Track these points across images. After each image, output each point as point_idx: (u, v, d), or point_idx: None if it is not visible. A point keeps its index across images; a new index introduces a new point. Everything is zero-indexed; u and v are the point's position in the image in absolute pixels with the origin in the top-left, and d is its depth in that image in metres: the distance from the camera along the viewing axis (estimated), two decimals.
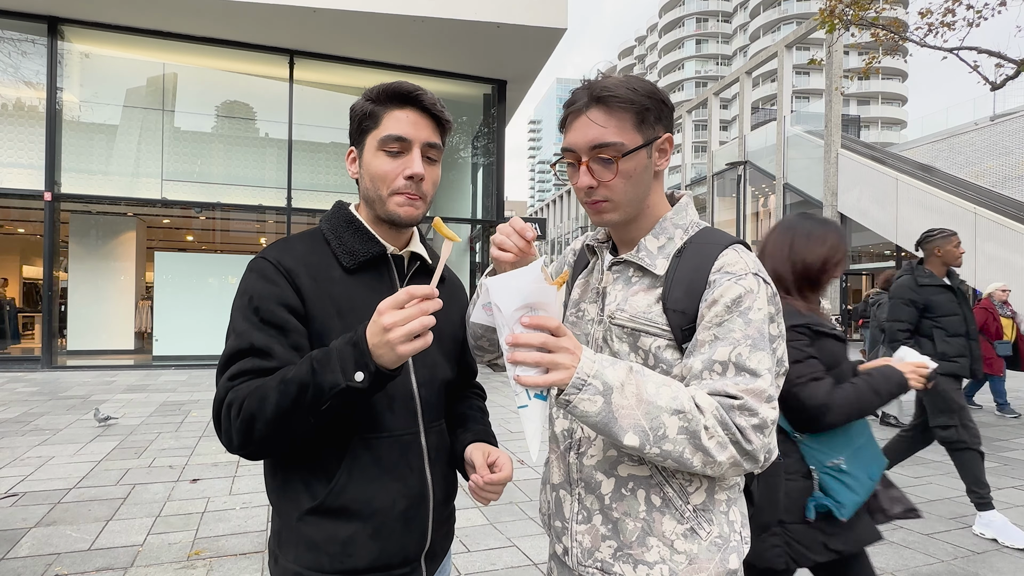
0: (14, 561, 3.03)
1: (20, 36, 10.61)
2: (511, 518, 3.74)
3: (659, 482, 0.99)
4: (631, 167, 1.00)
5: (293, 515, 1.04)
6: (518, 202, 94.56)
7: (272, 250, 1.08)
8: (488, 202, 13.43)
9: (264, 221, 13.31)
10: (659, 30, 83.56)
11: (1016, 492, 4.36)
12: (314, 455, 1.03)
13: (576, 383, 0.84)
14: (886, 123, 60.30)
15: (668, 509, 0.99)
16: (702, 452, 0.88)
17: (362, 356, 0.88)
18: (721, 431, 0.89)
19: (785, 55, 23.26)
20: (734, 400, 0.90)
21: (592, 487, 1.04)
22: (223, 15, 10.33)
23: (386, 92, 1.08)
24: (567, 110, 1.04)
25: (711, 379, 0.93)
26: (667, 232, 1.05)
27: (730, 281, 0.96)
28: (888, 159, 21.69)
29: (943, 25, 9.19)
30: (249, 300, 1.02)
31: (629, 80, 1.02)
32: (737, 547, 1.02)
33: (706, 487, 1.01)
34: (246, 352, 0.99)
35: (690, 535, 0.99)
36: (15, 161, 10.58)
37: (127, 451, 5.16)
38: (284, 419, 0.91)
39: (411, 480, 1.07)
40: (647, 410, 0.87)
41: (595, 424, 0.87)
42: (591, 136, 0.99)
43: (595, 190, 1.01)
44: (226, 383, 0.97)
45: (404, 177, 1.06)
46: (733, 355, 0.92)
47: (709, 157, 29.06)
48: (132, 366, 11.10)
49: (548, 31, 10.85)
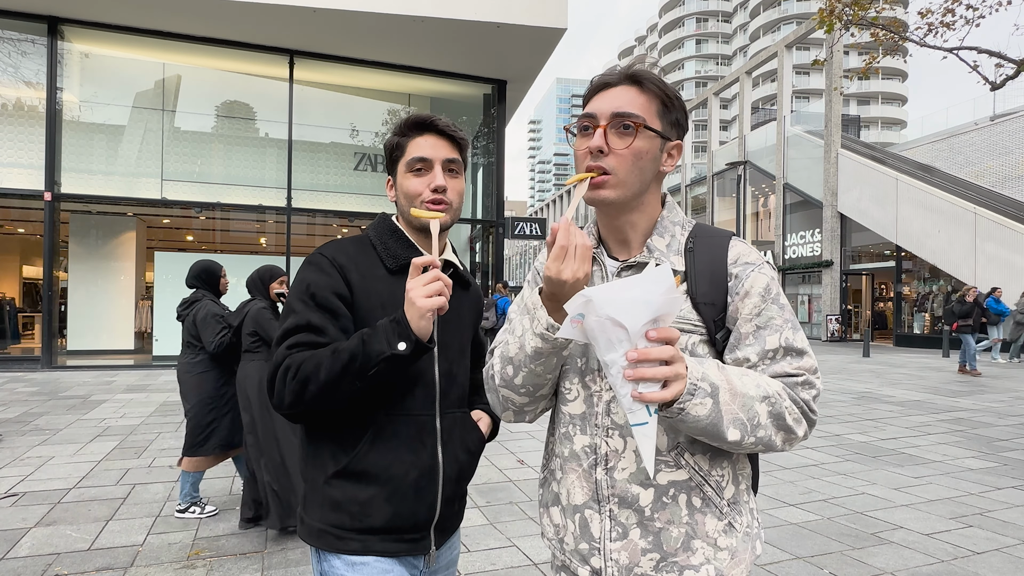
0: (14, 561, 3.03)
1: (20, 36, 10.62)
2: (511, 518, 3.74)
3: (698, 483, 0.99)
4: (645, 147, 0.99)
5: (320, 479, 1.20)
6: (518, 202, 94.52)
7: (327, 248, 1.26)
8: (488, 202, 13.43)
9: (264, 221, 13.31)
10: (659, 30, 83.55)
11: (1016, 492, 4.36)
12: (342, 429, 1.19)
13: (689, 388, 0.84)
14: (886, 123, 60.28)
15: (709, 508, 1.00)
16: (784, 431, 0.94)
17: (404, 329, 1.07)
18: (795, 408, 0.95)
19: (785, 55, 23.26)
20: (796, 377, 0.96)
21: (628, 501, 1.00)
22: (223, 15, 10.33)
23: (407, 124, 1.28)
24: (596, 85, 1.03)
25: (767, 366, 0.97)
26: (669, 231, 1.06)
27: (755, 272, 1.00)
28: (888, 159, 21.69)
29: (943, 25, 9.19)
30: (307, 287, 1.19)
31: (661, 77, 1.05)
32: (758, 534, 1.07)
33: (732, 479, 1.03)
34: (303, 328, 1.15)
35: (729, 530, 1.01)
36: (15, 161, 10.58)
37: (127, 451, 5.16)
38: (335, 383, 1.08)
39: (423, 455, 1.21)
40: (743, 402, 0.89)
41: (704, 426, 0.87)
42: (617, 104, 0.99)
43: (603, 156, 0.98)
44: (284, 351, 1.13)
45: (430, 190, 1.24)
46: (782, 340, 0.97)
47: (709, 157, 29.05)
48: (132, 366, 11.10)
49: (548, 31, 10.85)
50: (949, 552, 3.30)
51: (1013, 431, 6.40)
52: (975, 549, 3.33)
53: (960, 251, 16.34)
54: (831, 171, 20.62)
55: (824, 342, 20.30)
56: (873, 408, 7.71)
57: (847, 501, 4.14)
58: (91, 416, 6.58)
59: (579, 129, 1.03)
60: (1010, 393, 9.05)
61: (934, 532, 3.58)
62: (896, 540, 3.46)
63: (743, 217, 19.72)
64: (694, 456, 0.99)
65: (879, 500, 4.16)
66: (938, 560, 3.19)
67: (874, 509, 3.98)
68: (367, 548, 1.17)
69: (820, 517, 3.82)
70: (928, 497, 4.23)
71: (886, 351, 17.12)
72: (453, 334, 1.31)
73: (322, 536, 1.18)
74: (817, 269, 21.40)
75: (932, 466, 5.02)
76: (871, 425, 6.66)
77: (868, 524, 3.71)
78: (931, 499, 4.19)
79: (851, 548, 3.34)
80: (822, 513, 3.90)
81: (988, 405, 7.95)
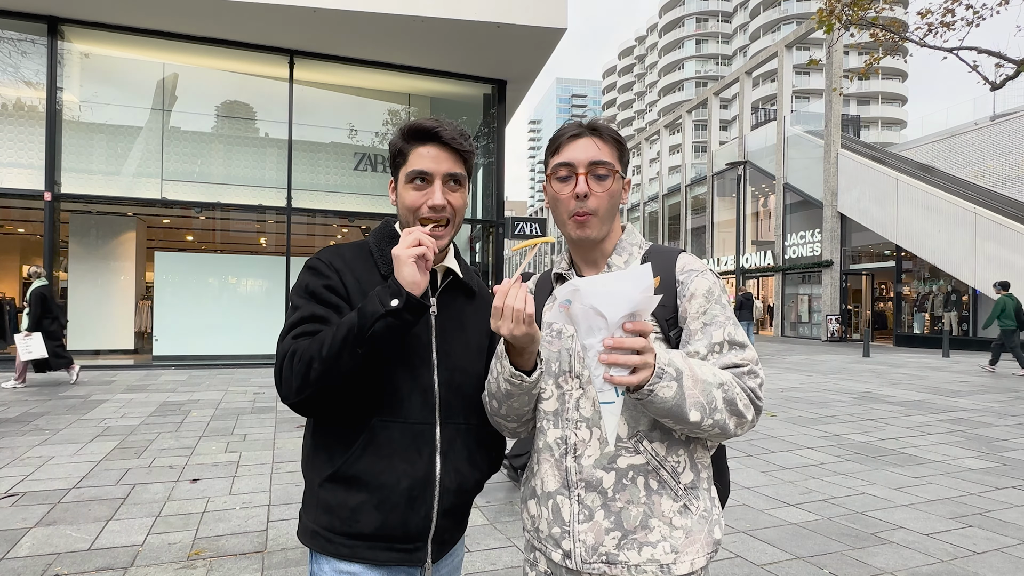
0: (14, 561, 3.03)
1: (20, 36, 10.62)
2: (511, 518, 3.74)
3: (654, 467, 1.11)
4: (616, 188, 1.19)
5: (316, 481, 1.20)
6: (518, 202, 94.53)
7: (325, 253, 1.28)
8: (488, 202, 13.43)
9: (264, 221, 13.31)
10: (659, 30, 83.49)
11: (1016, 492, 4.36)
12: (338, 433, 1.19)
13: (657, 372, 0.96)
14: (886, 123, 60.27)
15: (664, 490, 1.11)
16: (737, 416, 1.06)
17: (394, 285, 1.09)
18: (744, 395, 1.07)
19: (785, 55, 23.25)
20: (742, 367, 1.10)
21: (593, 485, 1.12)
22: (223, 15, 10.33)
23: (411, 130, 1.25)
24: (561, 137, 1.20)
25: (716, 358, 1.11)
26: (627, 250, 1.24)
27: (698, 277, 1.16)
28: (888, 159, 21.68)
29: (943, 25, 9.19)
30: (306, 287, 1.22)
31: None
32: (718, 520, 1.16)
33: (690, 467, 1.14)
34: (307, 319, 1.17)
35: (684, 511, 1.11)
36: (15, 161, 10.58)
37: (127, 451, 5.16)
38: (337, 356, 1.07)
39: (418, 464, 1.18)
40: (703, 387, 1.02)
41: (669, 408, 0.99)
42: (592, 154, 1.16)
43: (588, 200, 1.16)
44: (290, 340, 1.14)
45: (428, 207, 1.22)
46: (726, 335, 1.12)
47: (709, 157, 29.05)
48: (132, 366, 11.10)
49: (548, 31, 10.85)
50: (949, 552, 3.30)
51: (1013, 431, 6.40)
52: (975, 549, 3.33)
53: (960, 251, 16.34)
54: (831, 171, 20.62)
55: (824, 342, 20.30)
56: (873, 408, 7.71)
57: (847, 501, 4.14)
58: (91, 416, 6.58)
59: (557, 178, 1.19)
60: (1010, 393, 9.05)
61: (934, 532, 3.58)
62: (896, 540, 3.46)
63: (743, 217, 19.72)
64: (652, 443, 1.11)
65: (879, 500, 4.16)
66: (938, 560, 3.19)
67: (874, 509, 3.98)
68: (355, 554, 1.17)
69: (820, 517, 3.82)
70: (928, 497, 4.23)
71: (886, 351, 17.11)
72: (454, 342, 1.28)
73: (315, 537, 1.19)
74: (817, 269, 21.40)
75: (932, 466, 5.02)
76: (871, 425, 6.66)
77: (868, 524, 3.71)
78: (931, 499, 4.19)
79: (851, 548, 3.34)
80: (822, 513, 3.90)
81: (988, 405, 7.95)
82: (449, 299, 1.30)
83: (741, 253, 19.85)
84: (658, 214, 35.36)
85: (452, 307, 1.30)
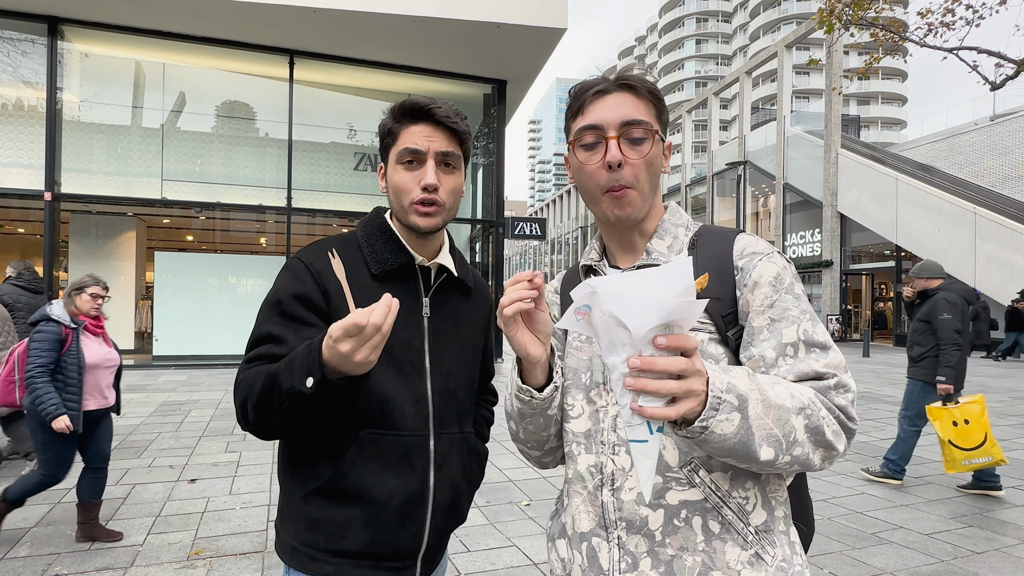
0: (14, 561, 3.03)
1: (20, 36, 10.61)
2: (511, 518, 3.74)
3: (715, 504, 0.87)
4: (656, 153, 0.94)
5: (297, 494, 1.11)
6: (518, 202, 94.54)
7: (306, 252, 1.15)
8: (488, 202, 13.43)
9: (264, 221, 13.31)
10: (659, 30, 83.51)
11: (1016, 492, 4.36)
12: (326, 442, 1.09)
13: (712, 403, 0.71)
14: (886, 123, 60.27)
15: (729, 534, 0.87)
16: (824, 448, 0.82)
17: (313, 363, 0.91)
18: (833, 419, 0.83)
19: (785, 55, 23.26)
20: (827, 380, 0.85)
21: (636, 526, 0.89)
22: (223, 15, 10.33)
23: (402, 109, 1.14)
24: (585, 93, 0.96)
25: (789, 363, 0.87)
26: (671, 232, 1.00)
27: (762, 261, 0.92)
28: (888, 159, 21.69)
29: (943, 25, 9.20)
30: (274, 294, 1.11)
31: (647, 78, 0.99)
32: (801, 572, 0.91)
33: (763, 503, 0.90)
34: (264, 340, 1.07)
35: (756, 561, 0.87)
36: (15, 161, 10.58)
37: (127, 451, 5.16)
38: (263, 408, 0.98)
39: (411, 480, 1.10)
40: (777, 415, 0.77)
41: (731, 446, 0.74)
42: (623, 112, 0.93)
43: (623, 170, 0.92)
44: (243, 366, 1.06)
45: (420, 188, 1.11)
46: (800, 332, 0.88)
47: (709, 157, 29.05)
48: (132, 366, 11.09)
49: (548, 31, 10.85)
50: (949, 552, 3.30)
51: (1013, 431, 6.40)
52: (975, 549, 3.33)
53: (960, 251, 16.34)
54: (831, 171, 20.62)
55: None
56: (873, 408, 7.71)
57: (847, 501, 4.14)
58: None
59: (582, 145, 0.95)
60: (1010, 393, 9.05)
61: (934, 532, 3.58)
62: (896, 540, 3.46)
63: (743, 217, 19.71)
64: (711, 473, 0.87)
65: (879, 500, 4.16)
66: (938, 560, 3.19)
67: (874, 509, 3.98)
68: (340, 573, 1.09)
69: (820, 517, 3.82)
70: (928, 497, 4.23)
71: (886, 351, 17.11)
72: (448, 346, 1.17)
73: (295, 555, 1.10)
74: (817, 269, 21.40)
75: (932, 466, 5.02)
76: (871, 425, 6.66)
77: (868, 524, 3.71)
78: (931, 499, 4.19)
79: (851, 548, 3.34)
80: (822, 513, 3.90)
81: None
82: (443, 297, 1.20)
83: None
84: None
85: (446, 306, 1.20)
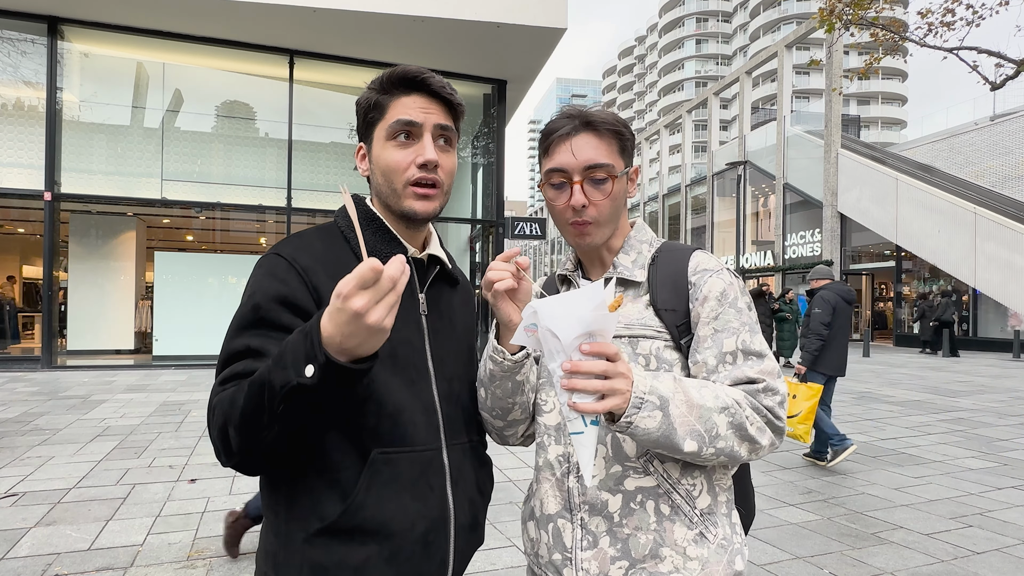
0: (14, 561, 3.03)
1: (20, 36, 10.61)
2: (511, 518, 3.74)
3: (666, 490, 1.00)
4: (619, 190, 1.05)
5: (298, 536, 0.92)
6: (518, 202, 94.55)
7: (287, 246, 0.98)
8: (488, 202, 13.43)
9: (264, 221, 13.31)
10: (659, 30, 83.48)
11: (1016, 492, 4.36)
12: (328, 470, 0.92)
13: (635, 402, 0.86)
14: (886, 123, 60.26)
15: (678, 516, 1.00)
16: (748, 441, 0.94)
17: (312, 347, 0.74)
18: (758, 417, 0.95)
19: (785, 55, 23.25)
20: (757, 384, 0.97)
21: (597, 508, 1.01)
22: (223, 15, 10.33)
23: (391, 79, 1.00)
24: (552, 136, 1.05)
25: (728, 369, 0.99)
26: (635, 248, 1.12)
27: (711, 277, 1.03)
28: (888, 159, 21.68)
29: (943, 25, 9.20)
30: (250, 298, 0.92)
31: (608, 111, 1.08)
32: (740, 550, 1.04)
33: (708, 490, 1.02)
34: (241, 355, 0.89)
35: (700, 540, 1.00)
36: (15, 161, 10.58)
37: (127, 451, 5.16)
38: (252, 423, 0.79)
39: (431, 501, 0.97)
40: (699, 414, 0.90)
41: (656, 439, 0.88)
42: (585, 157, 1.02)
43: (586, 210, 1.03)
44: (217, 388, 0.87)
45: (417, 165, 0.98)
46: (739, 342, 0.99)
47: (709, 157, 29.04)
48: (132, 366, 11.10)
49: (548, 31, 10.84)
50: (949, 552, 3.30)
51: (1013, 431, 6.40)
52: (975, 549, 3.33)
53: (960, 251, 16.34)
54: (831, 171, 20.62)
55: None
56: (873, 408, 7.71)
57: (847, 501, 4.14)
58: (91, 416, 6.58)
59: (551, 185, 1.06)
60: (1010, 393, 9.06)
61: (934, 532, 3.58)
62: (896, 540, 3.46)
63: (743, 217, 19.71)
64: (664, 463, 1.00)
65: (879, 500, 4.16)
66: (938, 560, 3.19)
67: (874, 509, 3.98)
68: None
69: (820, 517, 3.82)
70: (928, 497, 4.23)
71: (886, 351, 17.11)
72: (447, 347, 1.07)
73: None
74: None
75: (932, 466, 5.02)
76: (871, 425, 6.66)
77: (868, 524, 3.71)
78: (931, 499, 4.19)
79: (851, 548, 3.34)
80: (822, 513, 3.90)
81: (988, 405, 7.95)
82: (436, 293, 1.09)
83: (741, 253, 19.84)
84: (658, 214, 35.37)
85: (440, 302, 1.09)
